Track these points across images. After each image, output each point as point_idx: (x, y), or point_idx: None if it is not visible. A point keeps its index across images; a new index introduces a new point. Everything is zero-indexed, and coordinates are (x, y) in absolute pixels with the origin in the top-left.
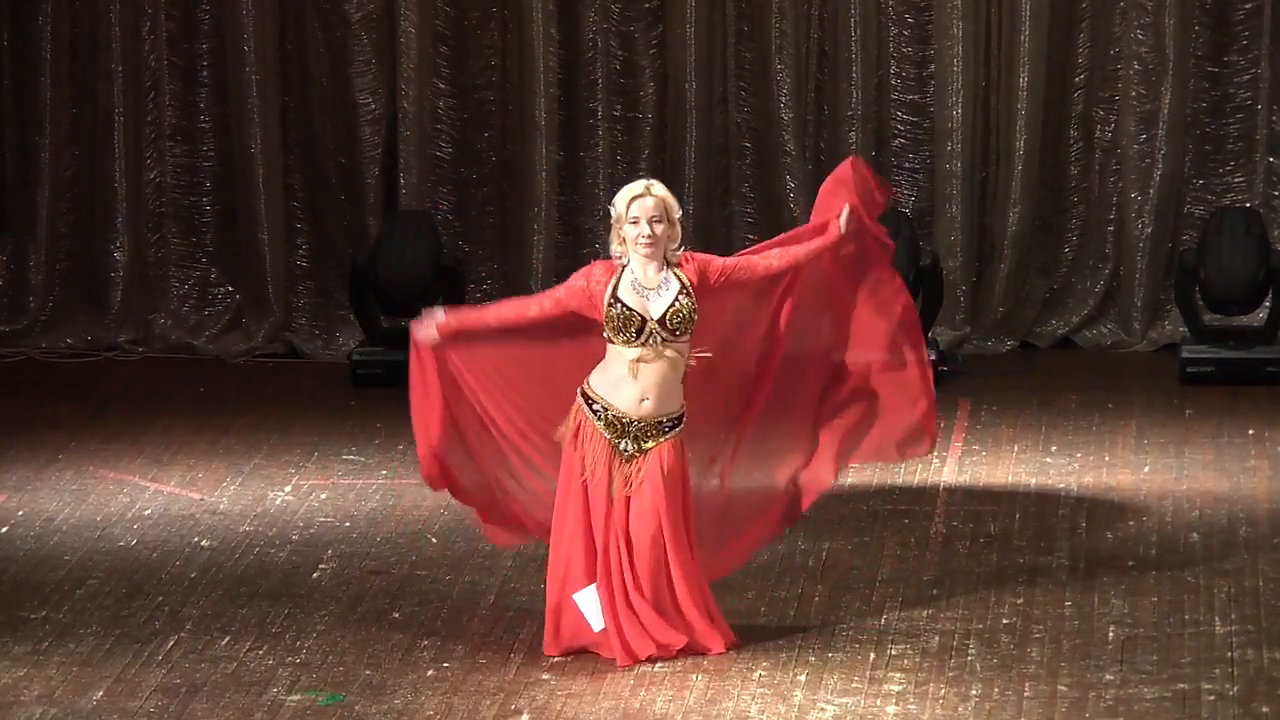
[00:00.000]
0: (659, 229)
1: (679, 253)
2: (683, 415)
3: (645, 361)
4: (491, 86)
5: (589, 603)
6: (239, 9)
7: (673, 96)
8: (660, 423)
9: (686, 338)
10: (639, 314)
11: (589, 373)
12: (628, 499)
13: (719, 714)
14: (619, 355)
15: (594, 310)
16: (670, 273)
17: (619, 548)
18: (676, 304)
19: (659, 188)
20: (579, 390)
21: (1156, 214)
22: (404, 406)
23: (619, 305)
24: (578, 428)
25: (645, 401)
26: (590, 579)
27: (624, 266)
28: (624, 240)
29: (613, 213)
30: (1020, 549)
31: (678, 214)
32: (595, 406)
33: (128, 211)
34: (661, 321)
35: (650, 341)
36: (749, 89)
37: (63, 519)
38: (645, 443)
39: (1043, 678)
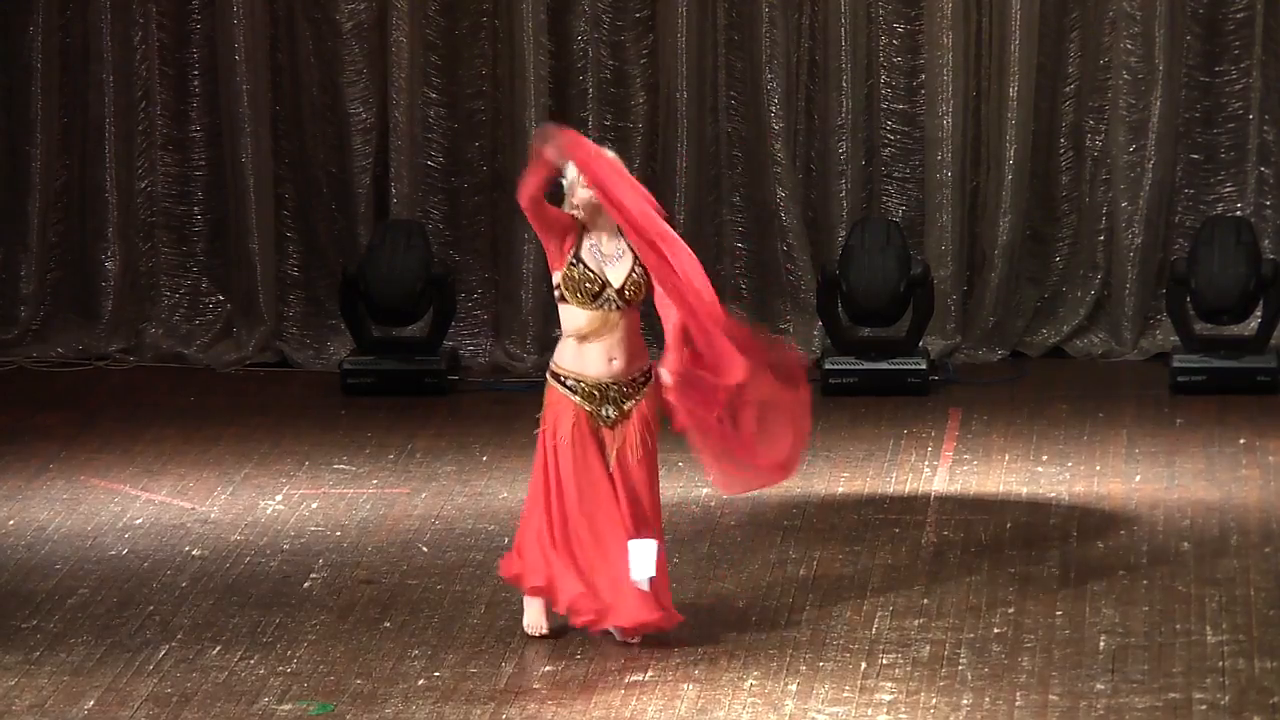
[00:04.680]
0: None
1: None
2: (651, 368)
3: (604, 324)
4: (482, 96)
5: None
6: (230, 18)
7: (663, 106)
8: (634, 380)
9: (637, 308)
10: (599, 277)
11: None
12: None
13: None
14: (575, 318)
15: (560, 255)
16: (625, 243)
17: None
18: (634, 274)
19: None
20: (547, 374)
21: (1147, 223)
22: (394, 416)
23: (580, 265)
24: (552, 411)
25: (614, 361)
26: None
27: (584, 228)
28: (576, 206)
29: (565, 179)
30: (1011, 558)
31: None
32: (568, 383)
33: (119, 221)
34: (620, 290)
35: (605, 307)
36: (740, 98)
37: (54, 528)
38: (625, 404)
39: (1034, 687)
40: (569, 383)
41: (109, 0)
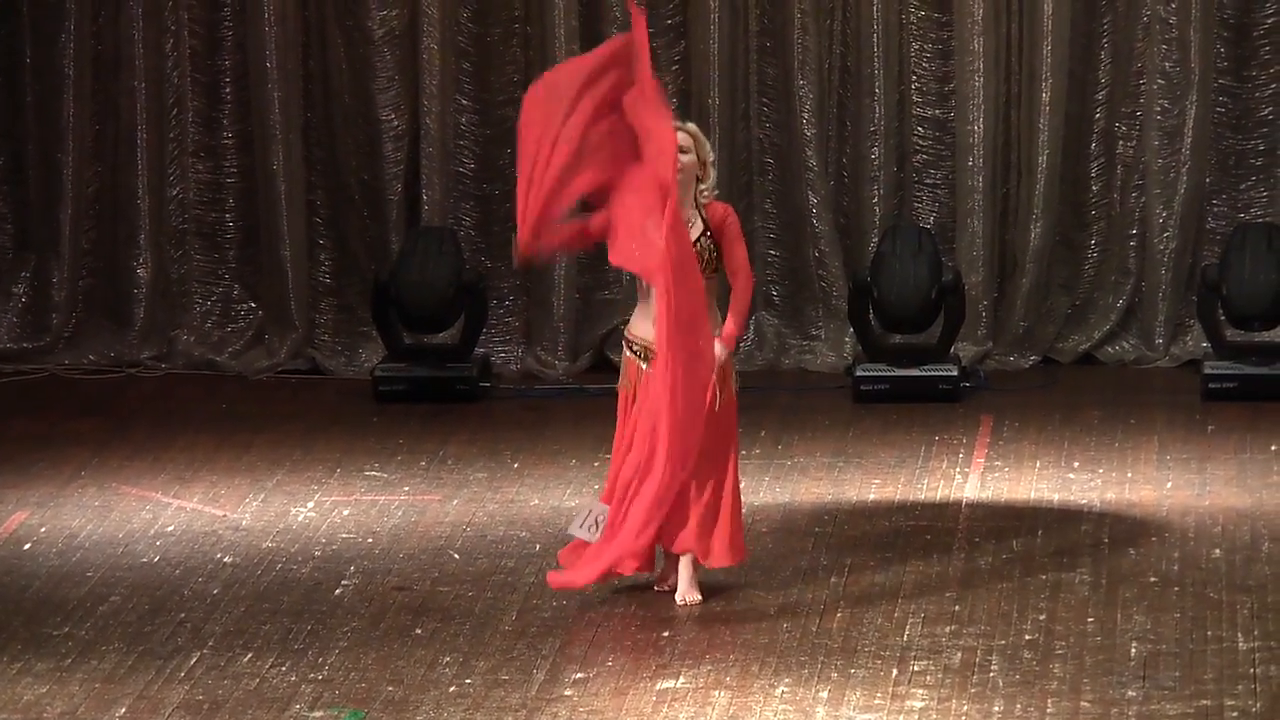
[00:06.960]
0: (685, 159)
1: (709, 194)
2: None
3: None
4: (514, 103)
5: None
6: (262, 26)
7: (695, 113)
8: None
9: (711, 274)
10: None
11: None
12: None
13: None
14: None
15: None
16: (697, 214)
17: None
18: (698, 245)
19: (692, 126)
20: (624, 340)
21: (1179, 229)
22: (426, 423)
23: None
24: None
25: None
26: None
27: None
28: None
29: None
30: (1042, 565)
31: (710, 157)
32: (635, 348)
33: (150, 228)
34: None
35: None
36: (771, 105)
37: (85, 535)
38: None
39: (1065, 694)
40: (635, 348)
41: (141, 8)
